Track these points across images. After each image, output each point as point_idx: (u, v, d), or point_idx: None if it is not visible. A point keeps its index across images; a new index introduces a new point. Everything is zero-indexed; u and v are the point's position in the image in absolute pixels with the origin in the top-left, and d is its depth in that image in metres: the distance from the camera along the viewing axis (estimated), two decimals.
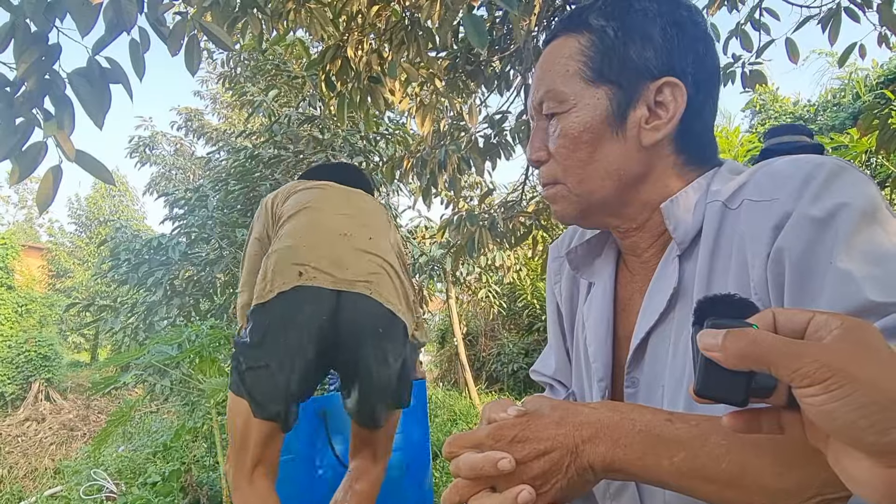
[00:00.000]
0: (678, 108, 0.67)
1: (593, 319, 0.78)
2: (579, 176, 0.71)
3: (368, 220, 1.95)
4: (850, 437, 0.37)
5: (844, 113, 8.06)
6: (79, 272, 17.62)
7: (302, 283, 1.69)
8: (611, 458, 0.55)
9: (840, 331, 0.39)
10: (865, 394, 0.36)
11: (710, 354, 0.42)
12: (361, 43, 2.75)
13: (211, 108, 13.01)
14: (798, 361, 0.37)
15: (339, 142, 5.20)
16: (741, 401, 0.43)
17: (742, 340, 0.40)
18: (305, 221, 1.84)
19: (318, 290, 1.70)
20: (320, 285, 1.71)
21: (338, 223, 1.85)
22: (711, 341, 0.42)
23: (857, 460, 0.38)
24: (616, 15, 0.69)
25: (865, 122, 3.03)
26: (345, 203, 1.95)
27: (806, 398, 0.38)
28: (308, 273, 1.70)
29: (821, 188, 0.57)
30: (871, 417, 0.35)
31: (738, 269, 0.62)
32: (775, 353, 0.39)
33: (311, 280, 1.70)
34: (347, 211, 1.92)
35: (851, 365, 0.36)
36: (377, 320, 1.77)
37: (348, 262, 1.76)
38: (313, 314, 1.70)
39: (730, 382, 0.43)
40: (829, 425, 0.38)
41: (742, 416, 0.46)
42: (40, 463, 7.53)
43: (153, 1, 1.58)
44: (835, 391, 0.36)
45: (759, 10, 2.87)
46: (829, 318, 0.40)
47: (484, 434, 0.59)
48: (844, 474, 0.40)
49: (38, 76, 1.49)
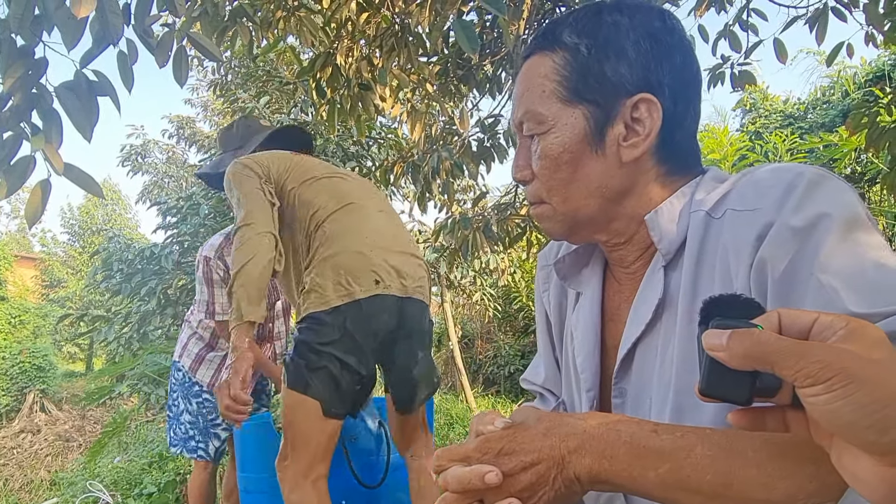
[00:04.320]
0: (654, 125, 0.67)
1: (581, 329, 0.78)
2: (563, 195, 0.71)
3: (396, 215, 2.02)
4: (851, 436, 0.38)
5: (834, 110, 8.10)
6: (72, 282, 17.53)
7: (379, 291, 1.75)
8: (597, 470, 0.55)
9: (844, 332, 0.39)
10: (867, 393, 0.36)
11: (714, 354, 0.43)
12: (352, 50, 2.76)
13: (202, 115, 12.98)
14: (801, 361, 0.38)
15: (332, 147, 5.20)
16: (746, 400, 0.44)
17: (746, 341, 0.41)
18: (360, 220, 1.84)
19: (392, 299, 1.78)
20: (394, 294, 1.78)
21: (385, 224, 1.90)
22: (716, 341, 0.42)
23: (859, 459, 0.39)
24: (588, 31, 0.69)
25: (854, 120, 3.05)
26: (375, 197, 1.98)
27: (808, 398, 0.38)
28: (384, 282, 1.76)
29: (802, 198, 0.57)
30: (872, 417, 0.36)
31: (723, 279, 0.62)
32: (779, 354, 0.39)
33: (386, 289, 1.76)
34: (383, 207, 1.96)
35: (854, 365, 0.37)
36: (425, 322, 1.92)
37: (408, 269, 1.84)
38: (387, 322, 1.78)
39: (734, 382, 0.43)
40: (831, 424, 0.38)
41: (747, 414, 0.46)
42: (36, 475, 7.48)
43: (140, 13, 1.58)
44: (837, 391, 0.37)
45: (747, 11, 2.89)
46: (834, 319, 0.41)
47: (471, 447, 0.59)
48: (846, 472, 0.41)
49: (25, 90, 1.48)
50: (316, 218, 1.83)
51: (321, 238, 1.79)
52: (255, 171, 1.85)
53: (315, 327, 1.73)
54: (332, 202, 1.84)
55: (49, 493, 5.89)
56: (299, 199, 1.86)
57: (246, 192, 1.81)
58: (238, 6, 2.32)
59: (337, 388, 1.72)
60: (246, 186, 1.82)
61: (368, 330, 1.74)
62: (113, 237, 7.92)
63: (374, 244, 1.80)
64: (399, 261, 1.83)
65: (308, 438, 1.72)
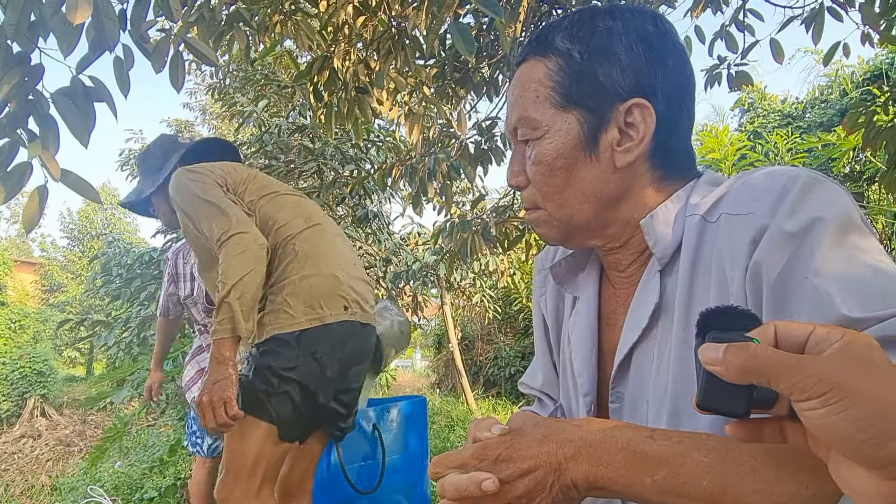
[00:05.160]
0: (648, 130, 0.67)
1: (578, 334, 0.78)
2: (558, 201, 0.71)
3: (348, 240, 1.98)
4: (847, 450, 0.38)
5: (832, 110, 8.11)
6: (72, 286, 17.53)
7: (347, 317, 1.72)
8: (594, 476, 0.55)
9: (840, 344, 0.39)
10: (863, 407, 0.36)
11: (711, 368, 0.43)
12: (349, 53, 2.76)
13: (201, 119, 12.98)
14: (797, 375, 0.38)
15: (331, 150, 5.20)
16: (743, 413, 0.44)
17: (742, 355, 0.41)
18: (329, 243, 1.80)
19: (358, 325, 1.76)
20: (359, 321, 1.76)
21: (346, 249, 1.87)
22: (713, 355, 0.42)
23: (856, 471, 0.39)
24: (581, 36, 0.69)
25: (851, 120, 3.05)
26: (331, 221, 1.93)
27: (805, 411, 0.38)
28: (351, 308, 1.74)
29: (796, 202, 0.57)
30: (868, 431, 0.36)
31: (718, 283, 0.62)
32: (775, 368, 0.39)
33: (353, 315, 1.74)
34: (339, 231, 1.92)
35: (850, 379, 0.37)
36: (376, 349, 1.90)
37: (366, 295, 1.82)
38: (352, 348, 1.75)
39: (731, 395, 0.43)
40: (827, 438, 0.38)
41: (744, 425, 0.46)
42: (37, 480, 7.46)
43: (136, 18, 1.58)
44: (833, 405, 0.37)
45: (743, 12, 2.89)
46: (829, 331, 0.41)
47: (468, 454, 0.59)
48: (843, 484, 0.41)
49: (21, 97, 1.48)
50: (281, 234, 1.74)
51: (291, 256, 1.71)
52: (212, 179, 1.75)
53: (279, 350, 1.65)
54: (297, 220, 1.78)
55: (50, 498, 5.87)
56: (260, 213, 1.78)
57: (218, 198, 1.69)
58: (235, 11, 2.32)
59: (295, 414, 1.66)
60: (213, 193, 1.70)
61: (334, 356, 1.69)
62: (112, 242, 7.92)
63: (342, 269, 1.77)
64: (362, 288, 1.81)
65: (258, 462, 1.64)
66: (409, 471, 2.60)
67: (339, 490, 2.29)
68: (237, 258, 1.58)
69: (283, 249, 1.72)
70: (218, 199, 1.69)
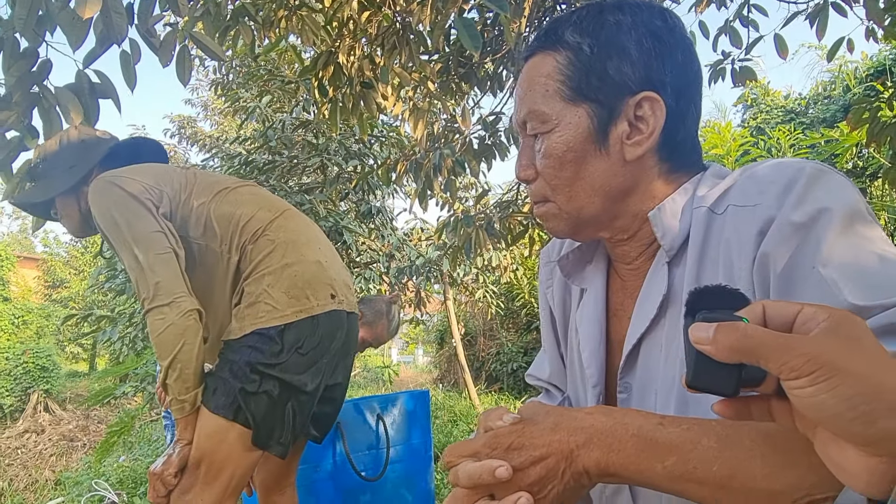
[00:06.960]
0: (658, 123, 0.67)
1: (586, 326, 0.78)
2: (567, 194, 0.71)
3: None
4: (836, 428, 0.38)
5: (836, 105, 8.10)
6: (75, 282, 17.55)
7: (335, 306, 1.60)
8: (605, 463, 0.56)
9: (827, 323, 0.40)
10: (851, 386, 0.37)
11: (701, 348, 0.43)
12: (353, 48, 2.76)
13: (203, 114, 12.99)
14: (786, 355, 0.39)
15: (335, 146, 5.21)
16: (732, 391, 0.44)
17: (732, 334, 0.41)
18: (305, 229, 1.68)
19: (344, 314, 1.65)
20: (346, 309, 1.65)
21: (320, 232, 1.77)
22: (702, 335, 0.43)
23: (844, 449, 0.39)
24: (591, 30, 0.69)
25: (855, 115, 3.04)
26: (290, 204, 1.82)
27: (793, 390, 0.39)
28: (339, 295, 1.63)
29: (802, 193, 0.58)
30: (856, 409, 0.36)
31: (726, 275, 0.63)
32: (764, 347, 0.40)
33: (340, 304, 1.62)
34: (308, 219, 1.81)
35: (838, 358, 0.37)
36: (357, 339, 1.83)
37: (349, 280, 1.73)
38: (343, 339, 1.64)
39: (721, 374, 0.44)
40: (816, 416, 0.39)
41: (732, 404, 0.47)
42: (41, 475, 7.50)
43: (143, 13, 1.59)
44: (821, 384, 0.37)
45: (748, 7, 2.89)
46: (816, 310, 0.41)
47: (480, 443, 0.60)
48: (831, 462, 0.41)
49: (26, 90, 1.49)
50: (249, 228, 1.59)
51: (268, 248, 1.58)
52: (139, 201, 1.50)
53: (261, 346, 1.49)
54: (262, 212, 1.63)
55: (54, 492, 5.91)
56: (215, 215, 1.59)
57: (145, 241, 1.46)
58: (240, 5, 2.33)
59: (273, 417, 1.50)
60: (140, 227, 1.48)
61: (323, 349, 1.56)
62: None
63: (324, 254, 1.65)
64: (345, 273, 1.72)
65: (223, 469, 1.47)
66: (412, 463, 2.61)
67: (344, 479, 2.30)
68: (162, 337, 1.43)
69: (255, 245, 1.59)
70: (143, 236, 1.47)
